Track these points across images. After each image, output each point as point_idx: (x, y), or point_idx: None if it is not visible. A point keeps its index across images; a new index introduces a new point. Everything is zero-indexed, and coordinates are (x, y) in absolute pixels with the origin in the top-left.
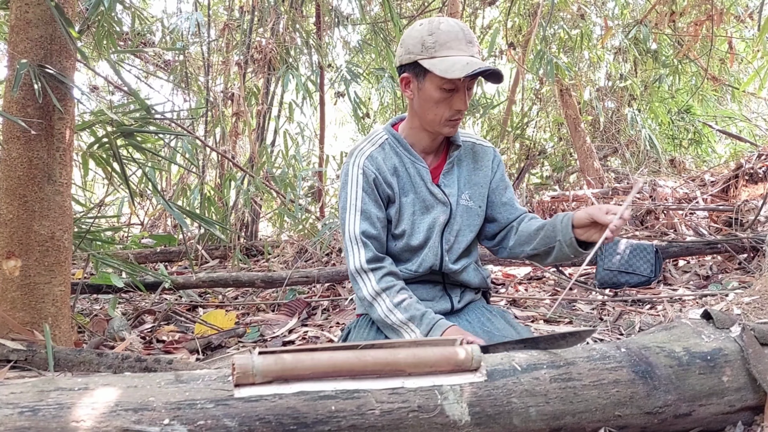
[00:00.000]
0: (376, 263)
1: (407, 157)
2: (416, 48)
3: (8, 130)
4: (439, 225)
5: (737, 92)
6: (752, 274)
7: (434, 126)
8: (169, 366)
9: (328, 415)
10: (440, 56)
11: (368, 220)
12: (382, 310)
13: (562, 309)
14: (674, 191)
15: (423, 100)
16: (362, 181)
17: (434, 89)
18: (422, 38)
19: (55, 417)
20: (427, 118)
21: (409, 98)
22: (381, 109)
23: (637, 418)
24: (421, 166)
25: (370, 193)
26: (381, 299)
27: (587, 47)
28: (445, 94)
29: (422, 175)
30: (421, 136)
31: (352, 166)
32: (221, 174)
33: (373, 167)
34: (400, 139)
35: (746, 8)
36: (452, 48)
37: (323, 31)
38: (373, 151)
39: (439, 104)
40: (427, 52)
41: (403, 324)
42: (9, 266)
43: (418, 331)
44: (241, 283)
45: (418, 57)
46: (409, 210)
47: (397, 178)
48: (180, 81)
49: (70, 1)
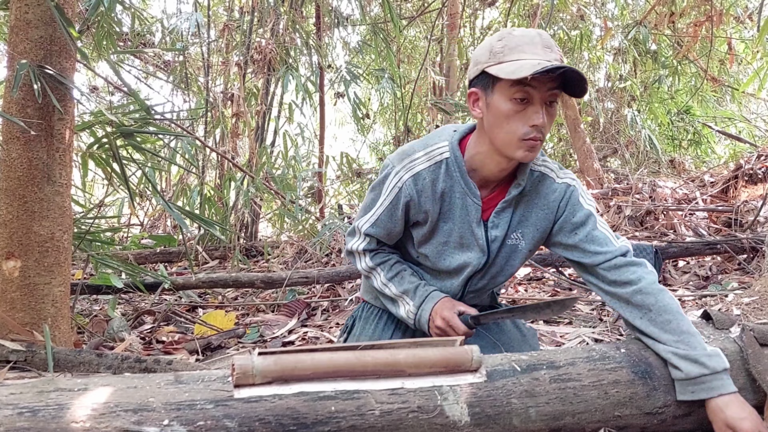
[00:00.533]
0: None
1: (461, 185)
2: (484, 56)
3: (8, 131)
4: (469, 270)
5: (737, 93)
6: (752, 274)
7: (506, 149)
8: (169, 367)
9: (327, 415)
10: (510, 60)
11: (379, 228)
12: (378, 283)
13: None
14: (674, 192)
15: (493, 116)
16: (393, 196)
17: (504, 101)
18: (491, 45)
19: (55, 418)
20: (498, 138)
21: (477, 117)
22: (381, 110)
23: (637, 418)
24: (472, 201)
25: (395, 212)
26: (376, 272)
27: (587, 48)
28: (517, 107)
29: (470, 211)
30: (489, 162)
31: (394, 175)
32: (221, 174)
33: (414, 190)
34: (461, 163)
35: (746, 9)
36: (524, 51)
37: (323, 31)
38: (424, 170)
39: (510, 119)
40: (495, 57)
41: (398, 296)
42: (8, 267)
43: (411, 304)
44: (240, 283)
45: (485, 65)
46: (442, 238)
47: (441, 203)
48: (180, 81)
49: (69, 1)
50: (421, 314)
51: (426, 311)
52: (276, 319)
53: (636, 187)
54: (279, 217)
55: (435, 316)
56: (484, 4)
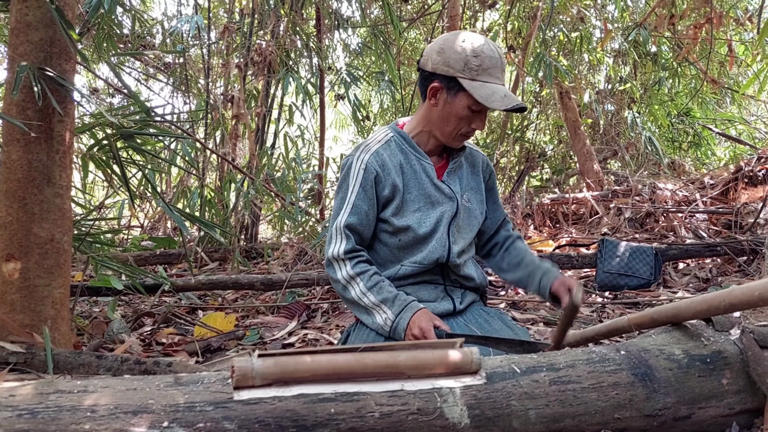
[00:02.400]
0: (353, 253)
1: (413, 154)
2: (458, 65)
3: (8, 133)
4: (446, 218)
5: (737, 95)
6: (752, 276)
7: (447, 138)
8: (169, 368)
9: (327, 417)
10: (481, 81)
11: (357, 215)
12: (355, 293)
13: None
14: (674, 194)
15: (447, 113)
16: (362, 177)
17: (463, 108)
18: (467, 58)
19: (54, 419)
20: (444, 129)
21: (431, 105)
22: (381, 112)
23: (637, 420)
24: (426, 163)
25: (367, 190)
26: (355, 282)
27: (587, 50)
28: (470, 114)
29: (428, 171)
30: (427, 140)
31: (356, 160)
32: (221, 176)
33: (377, 164)
34: (406, 137)
35: (746, 11)
36: (492, 75)
37: (323, 33)
38: (379, 147)
39: (461, 120)
40: (470, 73)
41: (376, 305)
42: (8, 269)
43: (390, 312)
44: (240, 285)
45: (458, 75)
46: (414, 206)
47: (402, 175)
48: (180, 83)
49: (70, 3)
50: (399, 323)
51: (404, 320)
52: (276, 321)
53: (636, 189)
54: (279, 219)
55: (413, 326)
56: (485, 6)
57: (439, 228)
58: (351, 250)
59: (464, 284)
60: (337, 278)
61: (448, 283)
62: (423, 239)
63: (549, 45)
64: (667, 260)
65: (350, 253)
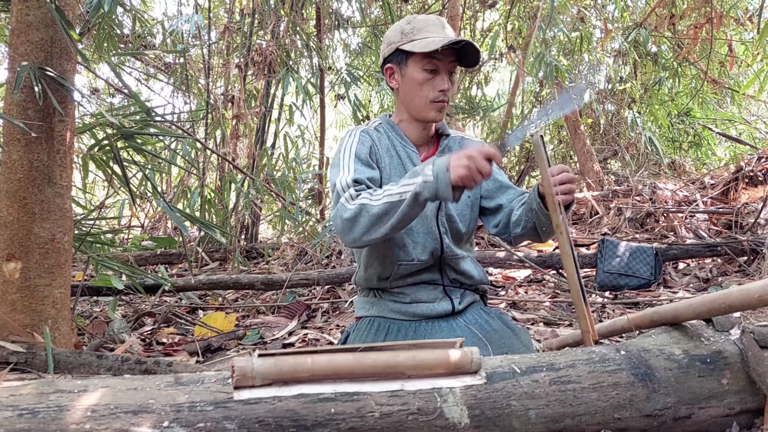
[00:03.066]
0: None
1: (399, 141)
2: (396, 37)
3: (9, 133)
4: (431, 209)
5: (737, 95)
6: (752, 276)
7: (420, 111)
8: (169, 368)
9: (327, 417)
10: (419, 38)
11: (359, 170)
12: (378, 201)
13: (562, 311)
14: (674, 194)
15: (407, 85)
16: (357, 147)
17: (417, 71)
18: (401, 27)
19: (55, 419)
20: (413, 103)
21: (395, 89)
22: (381, 112)
23: (637, 420)
24: (411, 151)
25: (363, 158)
26: (377, 192)
27: (587, 50)
28: (427, 75)
29: (412, 159)
30: (411, 128)
31: (348, 135)
32: (221, 176)
33: (369, 137)
34: (394, 125)
35: (746, 11)
36: (430, 32)
37: (323, 33)
38: (367, 128)
39: (423, 86)
40: (406, 37)
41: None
42: (9, 268)
43: (421, 175)
44: (241, 285)
45: (398, 44)
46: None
47: (389, 158)
48: (180, 83)
49: (70, 3)
50: (438, 166)
51: (444, 160)
52: (276, 320)
53: (636, 189)
54: (279, 218)
55: (459, 155)
56: (485, 6)
57: (425, 219)
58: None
59: (464, 283)
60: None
61: (447, 283)
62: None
63: (549, 45)
64: (667, 260)
65: (359, 184)
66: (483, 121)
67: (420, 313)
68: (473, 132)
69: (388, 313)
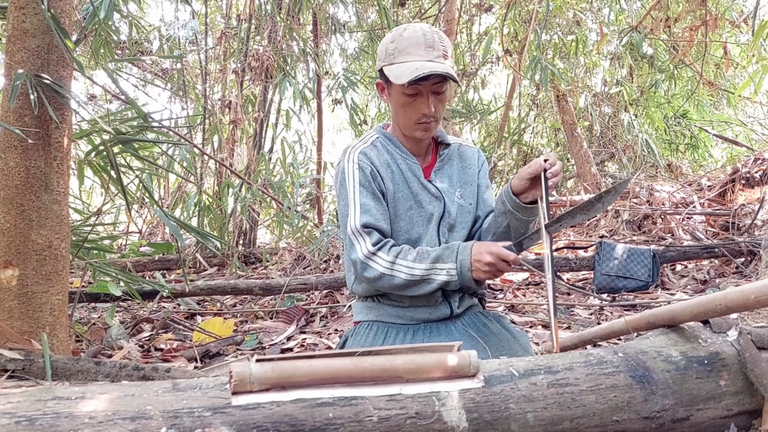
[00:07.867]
0: (381, 243)
1: (398, 154)
2: (381, 54)
3: (5, 140)
4: (434, 219)
5: (733, 97)
6: (749, 278)
7: (407, 130)
8: (167, 374)
9: (325, 422)
10: (398, 62)
11: (368, 213)
12: (404, 273)
13: (560, 314)
14: (671, 196)
15: (393, 105)
16: (359, 176)
17: (398, 94)
18: (386, 46)
19: (52, 426)
20: (400, 121)
21: (386, 102)
22: (378, 116)
23: (635, 422)
24: (412, 163)
25: (367, 186)
26: (398, 264)
27: (583, 53)
28: (409, 99)
29: (414, 171)
30: (404, 139)
31: (348, 162)
32: (219, 182)
33: (368, 161)
34: (391, 137)
35: (740, 13)
36: (410, 53)
37: (320, 38)
38: (364, 148)
39: (405, 108)
40: (389, 58)
41: (430, 269)
42: (6, 275)
43: (448, 262)
44: (239, 290)
45: (382, 64)
46: (405, 205)
47: (391, 174)
48: (177, 89)
49: (67, 10)
50: (462, 266)
51: (466, 259)
52: (274, 325)
53: (633, 192)
54: (277, 223)
55: (480, 258)
56: (481, 10)
57: (428, 229)
58: (377, 241)
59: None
60: (380, 273)
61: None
62: (415, 242)
63: (545, 48)
64: (664, 262)
65: (378, 244)
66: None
67: (418, 317)
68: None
69: (387, 317)
